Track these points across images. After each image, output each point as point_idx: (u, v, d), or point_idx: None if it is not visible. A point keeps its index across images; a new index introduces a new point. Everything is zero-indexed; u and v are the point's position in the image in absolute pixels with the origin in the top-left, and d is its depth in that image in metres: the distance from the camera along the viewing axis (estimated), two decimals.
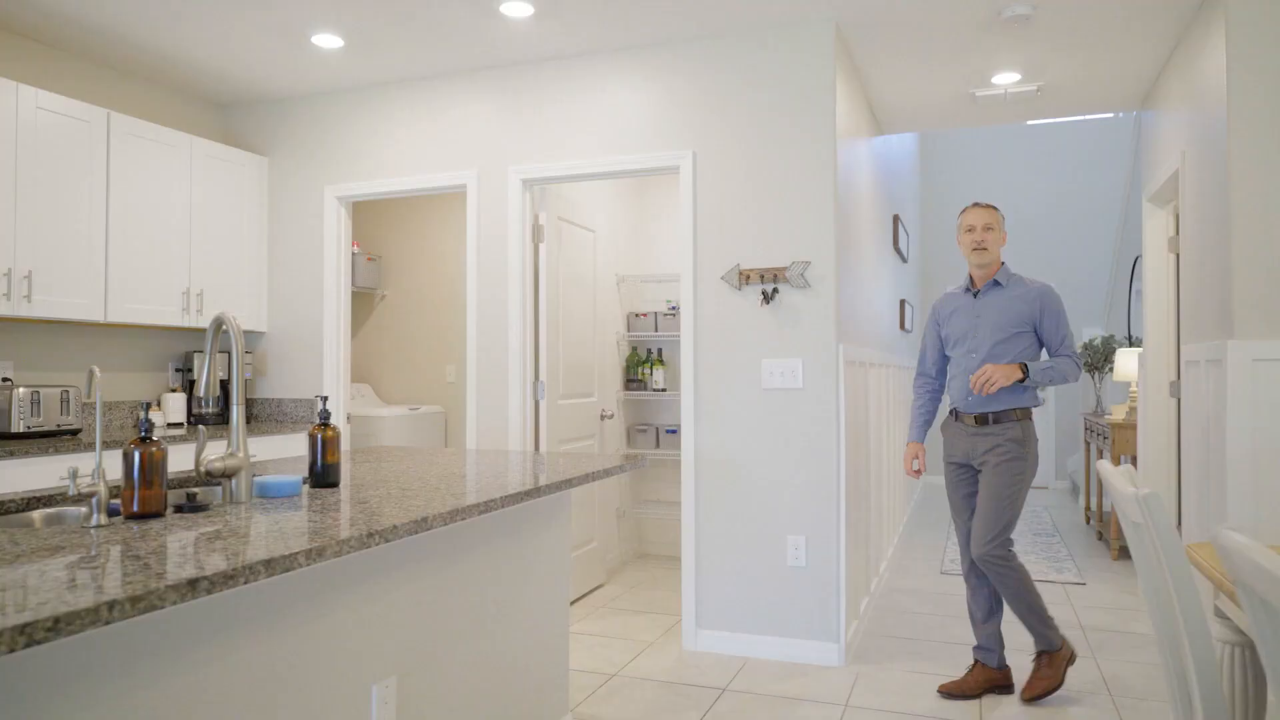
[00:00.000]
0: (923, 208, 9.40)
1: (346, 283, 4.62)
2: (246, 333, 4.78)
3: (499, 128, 4.25)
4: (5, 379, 3.76)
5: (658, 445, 5.62)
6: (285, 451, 4.38)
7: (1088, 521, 6.88)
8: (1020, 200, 9.05)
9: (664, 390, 5.55)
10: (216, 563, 1.26)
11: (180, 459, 3.82)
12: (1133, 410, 5.63)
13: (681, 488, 3.94)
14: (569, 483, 2.27)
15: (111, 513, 1.89)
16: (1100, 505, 6.41)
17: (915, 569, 5.34)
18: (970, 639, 3.89)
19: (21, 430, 3.49)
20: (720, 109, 3.85)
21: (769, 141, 3.76)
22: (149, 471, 1.64)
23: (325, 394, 3.75)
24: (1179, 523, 4.45)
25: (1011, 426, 3.18)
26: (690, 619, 3.82)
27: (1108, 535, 5.84)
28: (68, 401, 3.66)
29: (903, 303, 6.59)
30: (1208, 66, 3.42)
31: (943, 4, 3.50)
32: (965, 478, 3.32)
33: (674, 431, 5.60)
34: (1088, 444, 6.87)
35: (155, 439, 1.65)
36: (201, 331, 4.70)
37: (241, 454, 1.84)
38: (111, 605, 1.06)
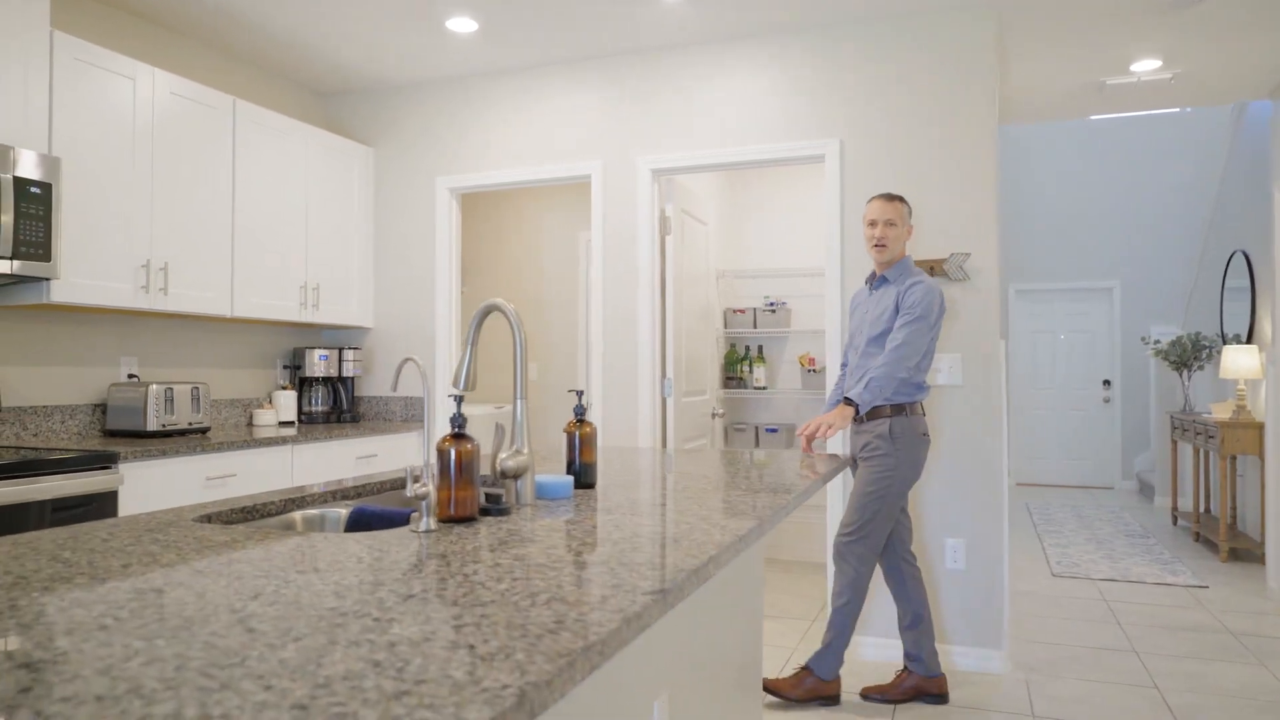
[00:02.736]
0: None
1: (458, 277, 4.48)
2: (351, 329, 4.64)
3: (625, 116, 4.11)
4: (131, 375, 3.62)
5: (757, 444, 5.49)
6: (401, 452, 4.24)
7: (1174, 523, 6.75)
8: (1083, 195, 8.92)
9: (764, 388, 5.42)
10: (679, 564, 1.12)
11: (304, 462, 3.68)
12: (1241, 408, 5.50)
13: (828, 489, 3.80)
14: (823, 479, 2.14)
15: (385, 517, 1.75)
16: (1196, 506, 6.27)
17: (1025, 570, 5.20)
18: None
19: (156, 429, 3.35)
20: (869, 97, 3.71)
21: (923, 130, 3.62)
22: (464, 471, 1.51)
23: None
24: None
25: (881, 423, 3.04)
26: None
27: (1210, 537, 5.70)
28: (198, 399, 3.52)
29: None
30: None
31: None
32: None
33: (774, 430, 5.47)
34: (1175, 443, 6.73)
35: (467, 435, 1.52)
36: (313, 327, 4.56)
37: (527, 453, 1.70)
38: (641, 615, 0.92)
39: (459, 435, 1.51)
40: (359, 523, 1.82)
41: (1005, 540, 3.48)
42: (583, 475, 1.94)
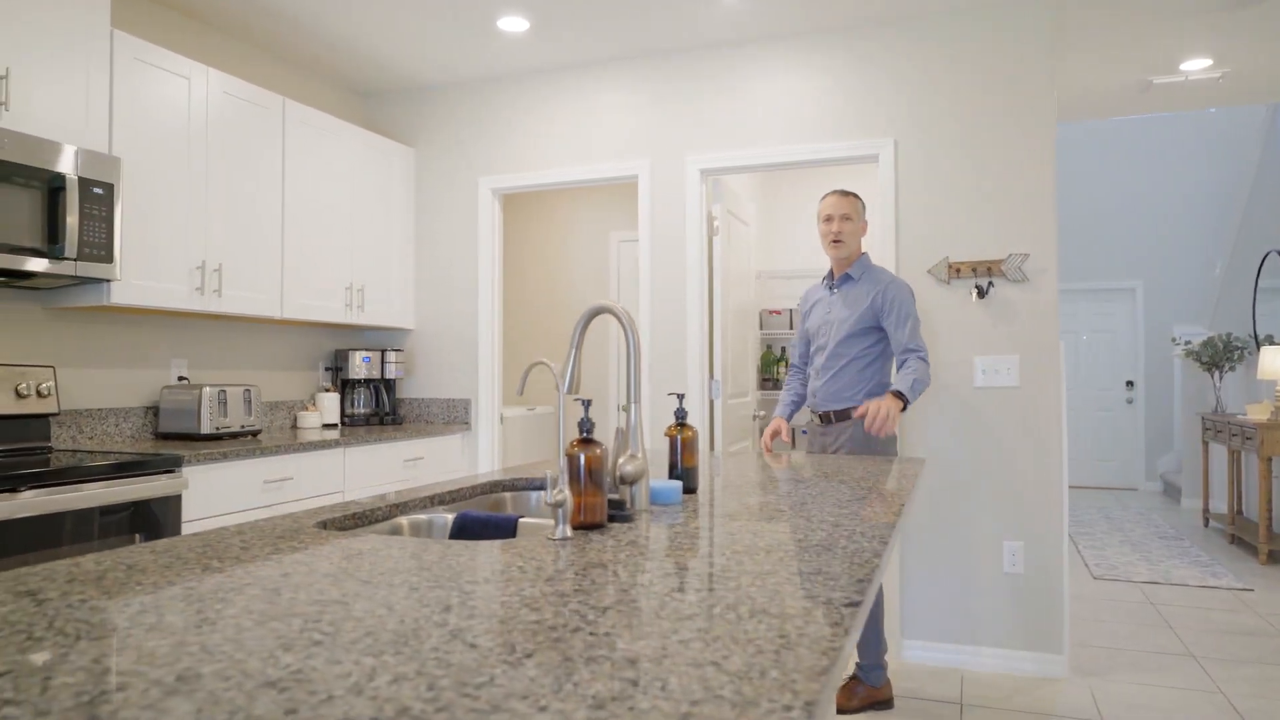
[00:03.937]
0: None
1: (500, 279, 4.45)
2: (392, 330, 4.61)
3: (674, 115, 4.08)
4: (181, 378, 3.59)
5: (793, 447, 5.45)
6: (445, 455, 4.21)
7: (1205, 524, 6.71)
8: (1104, 195, 8.89)
9: None
10: (851, 573, 1.09)
11: (356, 463, 3.65)
12: (1279, 409, 5.47)
13: None
14: (915, 477, 2.10)
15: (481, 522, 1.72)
16: (1231, 508, 6.24)
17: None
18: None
19: (210, 431, 3.32)
20: (924, 95, 3.68)
21: (979, 128, 3.59)
22: (593, 477, 1.47)
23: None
24: None
25: (850, 424, 3.05)
26: (895, 629, 3.65)
27: (1247, 539, 5.67)
28: (249, 401, 3.48)
29: None
30: None
31: None
32: None
33: (808, 434, 5.43)
34: (1205, 444, 6.70)
35: (595, 440, 1.48)
36: (356, 328, 4.53)
37: (641, 457, 1.67)
38: (852, 628, 0.89)
39: (587, 440, 1.48)
40: (464, 529, 1.79)
41: (1065, 543, 3.45)
42: (686, 479, 1.91)
